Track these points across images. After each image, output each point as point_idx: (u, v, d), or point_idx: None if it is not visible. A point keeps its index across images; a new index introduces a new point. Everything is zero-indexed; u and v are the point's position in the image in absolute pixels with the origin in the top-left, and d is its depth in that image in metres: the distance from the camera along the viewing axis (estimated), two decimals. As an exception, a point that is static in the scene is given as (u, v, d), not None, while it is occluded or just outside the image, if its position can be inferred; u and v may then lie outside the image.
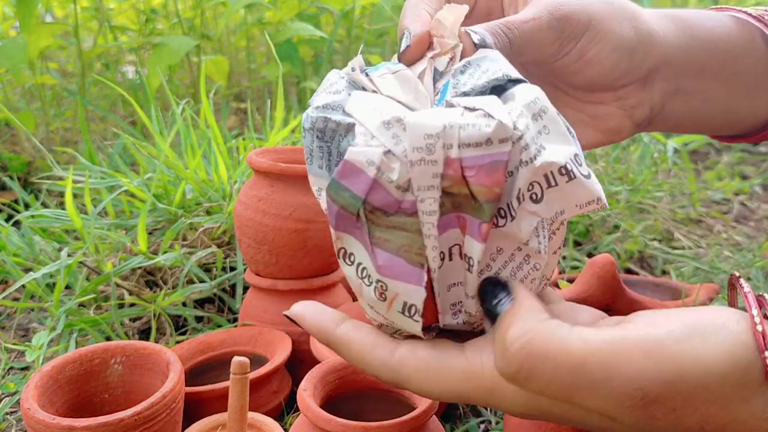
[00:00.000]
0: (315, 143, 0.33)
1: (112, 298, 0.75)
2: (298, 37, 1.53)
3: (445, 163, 0.29)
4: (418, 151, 0.29)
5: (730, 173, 1.60)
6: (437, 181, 0.29)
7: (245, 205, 0.69)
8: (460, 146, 0.29)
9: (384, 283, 0.32)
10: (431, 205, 0.30)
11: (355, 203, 0.30)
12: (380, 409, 0.56)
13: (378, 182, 0.30)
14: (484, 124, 0.29)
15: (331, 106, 0.33)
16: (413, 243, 0.31)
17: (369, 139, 0.30)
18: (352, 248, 0.32)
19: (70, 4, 1.40)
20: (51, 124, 1.38)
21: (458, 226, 0.31)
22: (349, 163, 0.30)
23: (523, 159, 0.30)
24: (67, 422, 0.47)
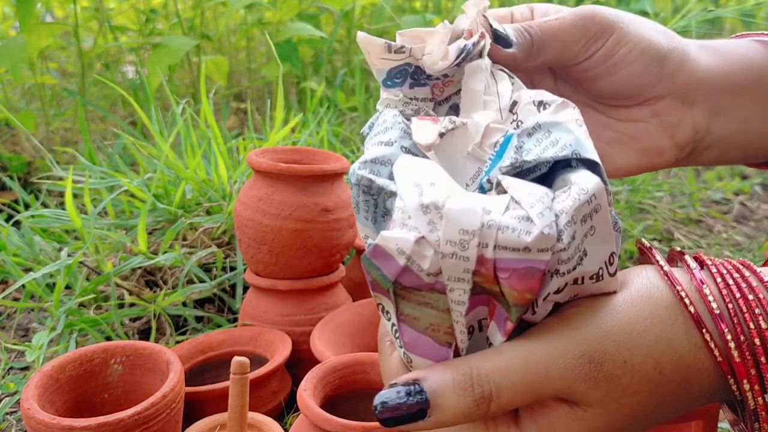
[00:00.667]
0: (361, 197, 0.32)
1: (112, 298, 0.75)
2: (298, 37, 1.53)
3: (478, 261, 0.28)
4: (452, 244, 0.28)
5: (730, 173, 1.60)
6: (468, 275, 0.28)
7: (245, 205, 0.69)
8: (496, 247, 0.28)
9: (409, 357, 0.31)
10: (460, 296, 0.29)
11: (385, 282, 0.29)
12: (380, 409, 0.56)
13: (408, 268, 0.29)
14: (524, 231, 0.27)
15: (380, 161, 0.32)
16: (442, 322, 0.30)
17: (406, 218, 0.29)
18: (388, 308, 0.32)
19: (70, 4, 1.40)
20: (51, 124, 1.38)
21: (487, 306, 0.31)
22: (380, 248, 0.29)
23: (561, 270, 0.29)
24: (67, 422, 0.47)
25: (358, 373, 0.56)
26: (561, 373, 0.28)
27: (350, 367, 0.56)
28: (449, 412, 0.29)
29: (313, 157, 0.74)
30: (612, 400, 0.29)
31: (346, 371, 0.56)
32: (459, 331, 0.30)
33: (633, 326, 0.30)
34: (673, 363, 0.29)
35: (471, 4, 0.37)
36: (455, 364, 0.30)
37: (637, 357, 0.29)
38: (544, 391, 0.29)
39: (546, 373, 0.29)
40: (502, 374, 0.29)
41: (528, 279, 0.27)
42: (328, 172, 0.68)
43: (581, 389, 0.29)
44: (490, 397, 0.29)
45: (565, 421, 0.30)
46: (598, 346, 0.29)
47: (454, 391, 0.29)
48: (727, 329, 0.29)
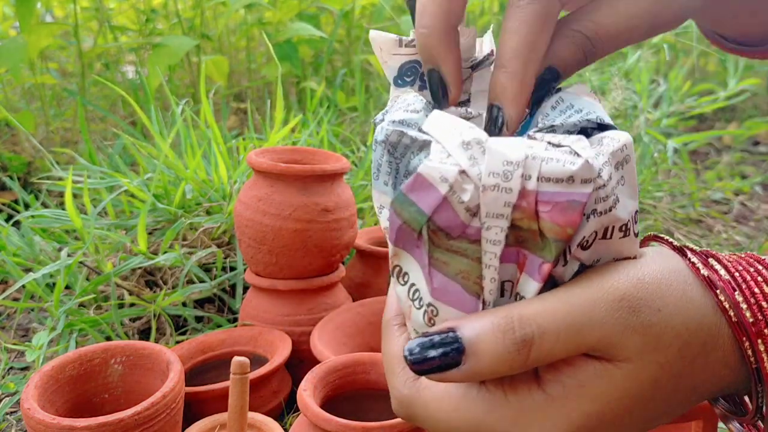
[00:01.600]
0: (385, 157, 0.31)
1: (112, 298, 0.75)
2: (298, 37, 1.53)
3: (520, 193, 0.28)
4: (495, 176, 0.28)
5: (729, 173, 1.60)
6: (508, 210, 0.28)
7: (245, 205, 0.69)
8: (540, 179, 0.27)
9: (435, 307, 0.30)
10: (497, 235, 0.28)
11: (420, 219, 0.29)
12: (380, 409, 0.56)
13: (447, 201, 0.28)
14: (569, 161, 0.27)
15: (407, 123, 0.31)
16: (472, 271, 0.29)
17: (445, 157, 0.29)
18: (408, 267, 0.31)
19: (70, 4, 1.40)
20: (51, 124, 1.38)
21: (516, 262, 0.30)
22: (422, 176, 0.28)
23: (599, 209, 0.29)
24: (67, 422, 0.47)
25: (358, 373, 0.56)
26: (602, 317, 0.28)
27: (350, 367, 0.56)
28: (486, 358, 0.28)
29: (313, 157, 0.74)
30: (647, 351, 0.28)
31: (346, 371, 0.56)
32: (489, 278, 0.29)
33: (662, 279, 0.30)
34: (696, 321, 0.29)
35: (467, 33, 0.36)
36: (493, 310, 0.29)
37: (668, 307, 0.29)
38: (584, 339, 0.28)
39: (588, 318, 0.28)
40: (545, 317, 0.28)
41: (569, 212, 0.27)
42: (328, 172, 0.68)
43: (619, 337, 0.28)
44: (531, 341, 0.27)
45: (595, 379, 0.29)
46: (635, 291, 0.29)
47: (493, 333, 0.27)
48: (737, 292, 0.30)
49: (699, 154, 1.78)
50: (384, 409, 0.56)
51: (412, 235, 0.29)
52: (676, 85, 1.50)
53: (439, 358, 0.28)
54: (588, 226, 0.29)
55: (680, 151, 1.42)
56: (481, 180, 0.28)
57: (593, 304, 0.28)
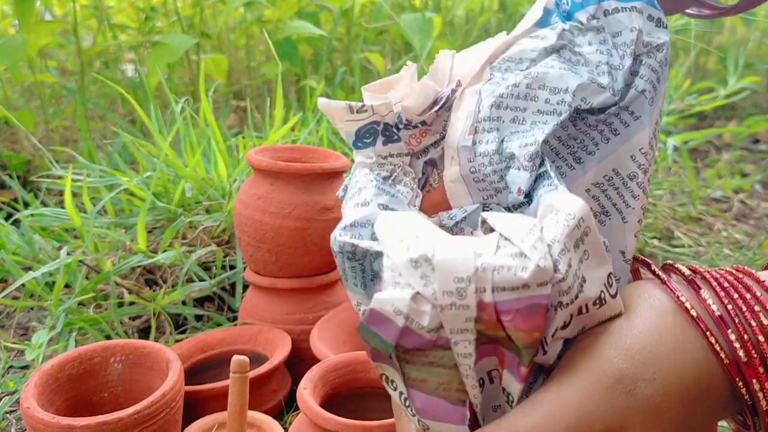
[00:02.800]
0: (347, 264, 0.31)
1: (111, 297, 0.75)
2: (298, 35, 1.53)
3: (478, 307, 0.27)
4: (449, 295, 0.27)
5: (729, 171, 1.60)
6: (471, 324, 0.27)
7: (245, 204, 0.69)
8: (495, 290, 0.27)
9: (426, 423, 0.30)
10: (466, 348, 0.28)
11: (386, 348, 0.28)
12: (380, 408, 0.56)
13: (408, 328, 0.28)
14: (520, 268, 0.26)
15: (359, 224, 0.31)
16: (452, 380, 0.29)
17: (397, 276, 0.28)
18: (393, 376, 0.30)
19: (70, 2, 1.40)
20: (50, 122, 1.38)
21: (496, 356, 0.29)
22: (376, 312, 0.28)
23: (563, 301, 0.28)
24: (67, 421, 0.47)
25: (358, 372, 0.56)
26: (602, 408, 0.27)
27: (350, 365, 0.56)
28: None
29: (313, 156, 0.74)
30: (649, 426, 0.28)
31: (346, 370, 0.56)
32: (470, 385, 0.29)
33: (650, 340, 0.29)
34: (692, 372, 0.29)
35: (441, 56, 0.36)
36: (490, 427, 0.28)
37: (661, 371, 0.28)
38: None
39: (589, 413, 0.27)
40: (546, 427, 0.27)
41: (532, 317, 0.27)
42: (327, 171, 0.68)
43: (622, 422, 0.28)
44: None
45: None
46: (627, 367, 0.28)
47: None
48: (729, 330, 0.29)
49: (699, 152, 1.78)
50: (384, 408, 0.56)
51: (385, 357, 0.29)
52: (675, 83, 1.50)
53: None
54: (557, 317, 0.28)
55: (680, 149, 1.41)
56: (436, 299, 0.27)
57: (590, 395, 0.27)
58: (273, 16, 1.56)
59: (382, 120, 0.35)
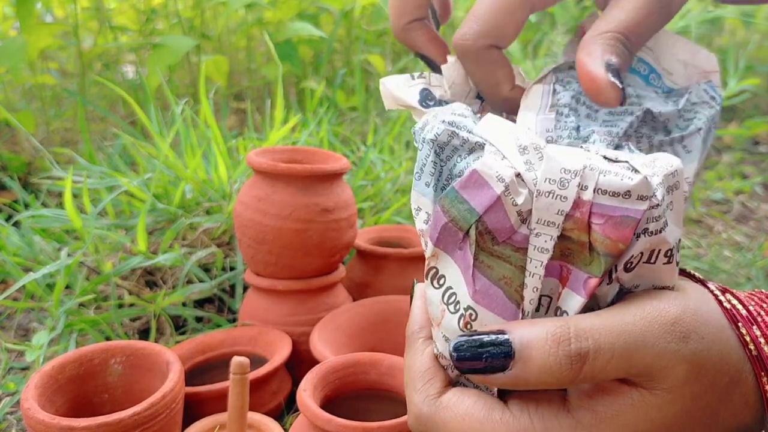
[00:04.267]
0: (431, 158, 0.30)
1: (111, 298, 0.75)
2: (298, 37, 1.53)
3: (574, 203, 0.27)
4: (551, 182, 0.27)
5: (730, 173, 1.60)
6: (560, 219, 0.27)
7: (245, 205, 0.69)
8: (597, 191, 0.27)
9: (475, 311, 0.29)
10: (546, 243, 0.28)
11: (469, 218, 0.28)
12: (380, 409, 0.56)
13: (501, 201, 0.28)
14: (628, 176, 0.27)
15: (457, 124, 0.31)
16: (514, 278, 0.29)
17: (500, 158, 0.28)
18: (446, 270, 0.30)
19: (70, 4, 1.40)
20: (51, 124, 1.38)
21: (559, 277, 0.29)
22: (478, 173, 0.28)
23: (650, 228, 0.28)
24: (67, 422, 0.47)
25: (358, 374, 0.56)
26: (655, 341, 0.27)
27: (350, 367, 0.56)
28: (536, 367, 0.27)
29: (313, 157, 0.74)
30: (688, 381, 0.28)
31: (346, 371, 0.56)
32: (532, 287, 0.29)
33: (703, 309, 0.29)
34: (728, 353, 0.29)
35: None
36: (547, 319, 0.28)
37: (710, 337, 0.29)
38: (636, 361, 0.27)
39: (643, 340, 0.27)
40: (602, 333, 0.27)
41: (623, 227, 0.27)
42: (328, 172, 0.68)
43: (669, 363, 0.27)
44: (586, 356, 0.26)
45: (630, 408, 0.28)
46: (686, 317, 0.28)
47: (546, 342, 0.27)
48: (754, 326, 0.30)
49: (699, 153, 1.78)
50: (384, 410, 0.56)
51: (456, 235, 0.29)
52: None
53: (486, 359, 0.27)
54: (637, 245, 0.28)
55: (680, 150, 1.41)
56: (536, 185, 0.27)
57: (648, 326, 0.27)
58: (273, 17, 1.56)
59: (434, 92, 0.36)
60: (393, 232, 0.88)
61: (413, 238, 0.86)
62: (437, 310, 0.31)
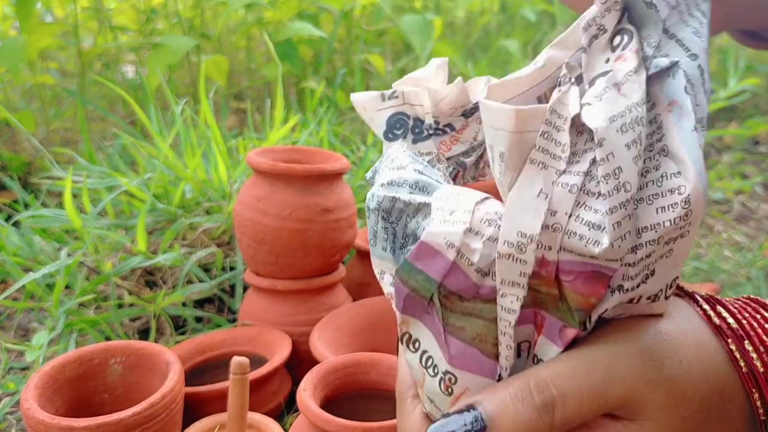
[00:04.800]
0: (380, 224, 0.30)
1: (111, 298, 0.75)
2: (298, 37, 1.53)
3: (539, 261, 0.26)
4: (509, 245, 0.26)
5: (730, 173, 1.60)
6: (524, 280, 0.26)
7: (245, 205, 0.69)
8: (561, 250, 0.26)
9: (454, 375, 0.29)
10: (512, 303, 0.27)
11: (429, 287, 0.28)
12: (380, 409, 0.56)
13: (457, 265, 0.27)
14: (593, 241, 0.25)
15: (396, 183, 0.30)
16: (489, 333, 0.28)
17: (447, 215, 0.27)
18: (418, 334, 0.30)
19: (70, 4, 1.40)
20: (51, 124, 1.38)
21: (533, 324, 0.28)
22: (426, 244, 0.27)
23: (625, 286, 0.26)
24: (67, 422, 0.47)
25: (358, 374, 0.56)
26: (624, 372, 0.27)
27: (350, 367, 0.56)
28: (510, 423, 0.26)
29: (313, 157, 0.74)
30: (670, 407, 0.28)
31: (346, 371, 0.56)
32: (505, 345, 0.28)
33: (679, 329, 0.29)
34: (713, 372, 0.29)
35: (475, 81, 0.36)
36: (509, 380, 0.28)
37: (688, 359, 0.28)
38: (608, 397, 0.27)
39: (611, 375, 0.27)
40: (564, 379, 0.27)
41: (594, 283, 0.26)
42: (327, 172, 0.68)
43: (643, 393, 0.27)
44: (553, 404, 0.26)
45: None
46: (657, 343, 0.28)
47: (512, 403, 0.27)
48: (746, 341, 0.29)
49: (699, 153, 1.78)
50: (384, 409, 0.56)
51: (422, 302, 0.28)
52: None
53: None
54: (612, 299, 0.27)
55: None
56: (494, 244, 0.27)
57: (615, 359, 0.27)
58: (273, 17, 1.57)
59: (412, 112, 0.34)
60: (393, 232, 0.87)
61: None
62: (418, 373, 0.31)
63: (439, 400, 0.30)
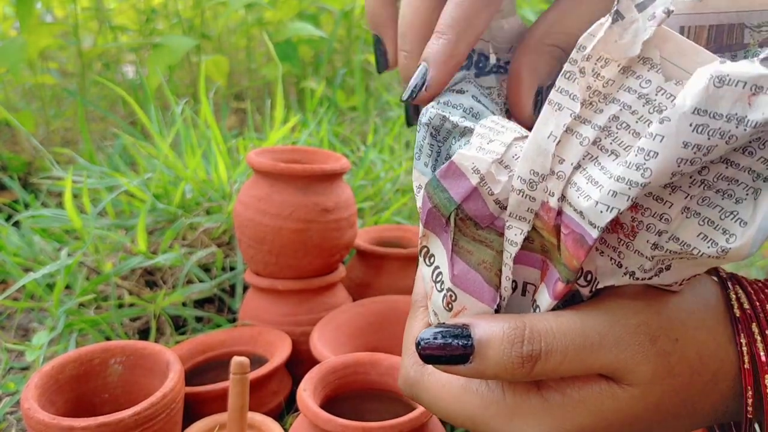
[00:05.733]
0: (427, 140, 0.31)
1: (111, 298, 0.75)
2: (298, 37, 1.54)
3: (542, 206, 0.27)
4: (522, 181, 0.27)
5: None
6: (530, 215, 0.27)
7: (245, 205, 0.69)
8: (562, 200, 0.26)
9: (454, 293, 0.30)
10: (516, 236, 0.28)
11: (449, 206, 0.28)
12: (380, 409, 0.56)
13: (478, 192, 0.28)
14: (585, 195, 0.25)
15: (452, 104, 0.31)
16: (494, 263, 0.29)
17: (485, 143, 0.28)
18: (435, 249, 0.31)
19: (70, 4, 1.40)
20: (51, 124, 1.38)
21: (540, 269, 0.29)
22: (455, 165, 0.28)
23: (636, 274, 0.27)
24: (67, 422, 0.47)
25: (358, 373, 0.56)
26: (616, 341, 0.27)
27: (350, 367, 0.56)
28: (491, 363, 0.28)
29: (313, 157, 0.74)
30: (657, 380, 0.28)
31: (346, 371, 0.56)
32: (505, 276, 0.29)
33: (684, 306, 0.29)
34: (711, 351, 0.29)
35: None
36: (508, 317, 0.29)
37: (685, 337, 0.28)
38: (593, 362, 0.28)
39: (600, 341, 0.27)
40: (556, 336, 0.28)
41: (578, 247, 0.26)
42: (327, 172, 0.68)
43: (632, 363, 0.28)
44: (537, 357, 0.27)
45: (598, 398, 0.28)
46: (656, 317, 0.28)
47: (502, 342, 0.28)
48: (753, 323, 0.29)
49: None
50: (384, 409, 0.56)
51: (441, 219, 0.29)
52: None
53: (447, 353, 0.28)
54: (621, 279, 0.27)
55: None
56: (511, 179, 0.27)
57: (609, 326, 0.28)
58: (273, 17, 1.57)
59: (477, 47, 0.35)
60: (393, 232, 0.88)
61: (413, 238, 0.86)
62: (428, 286, 0.32)
63: (441, 314, 0.31)
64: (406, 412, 0.50)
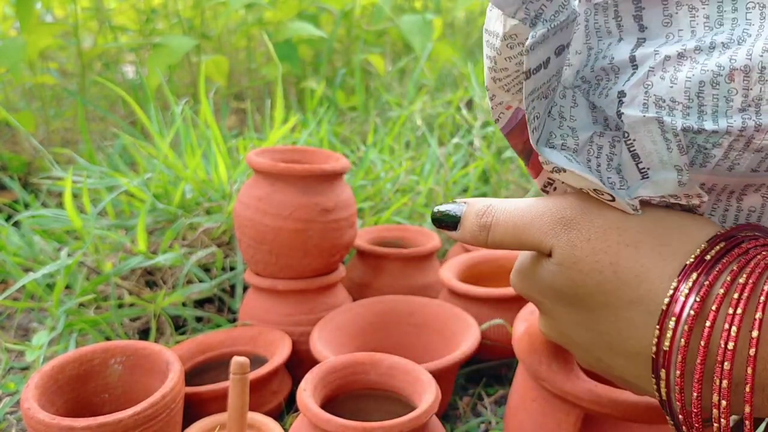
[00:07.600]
0: None
1: (111, 298, 0.75)
2: (298, 37, 1.54)
3: None
4: None
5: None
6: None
7: (245, 205, 0.69)
8: None
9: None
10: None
11: None
12: (380, 409, 0.56)
13: None
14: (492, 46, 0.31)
15: None
16: None
17: None
18: None
19: (70, 4, 1.40)
20: (51, 124, 1.38)
21: None
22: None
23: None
24: (67, 422, 0.47)
25: (358, 374, 0.56)
26: (540, 226, 0.35)
27: (350, 367, 0.56)
28: (467, 230, 0.38)
29: (313, 157, 0.74)
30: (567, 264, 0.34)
31: (346, 371, 0.56)
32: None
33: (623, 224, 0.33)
34: (629, 268, 0.32)
35: None
36: (484, 199, 0.38)
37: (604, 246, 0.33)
38: (525, 238, 0.36)
39: (531, 223, 0.35)
40: (504, 215, 0.36)
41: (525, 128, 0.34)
42: (327, 172, 0.68)
43: (549, 242, 0.35)
44: (489, 227, 0.37)
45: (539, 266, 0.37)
46: (578, 218, 0.34)
47: (471, 215, 0.38)
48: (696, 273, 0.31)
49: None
50: (384, 409, 0.56)
51: None
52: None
53: (446, 222, 0.39)
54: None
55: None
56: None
57: (543, 214, 0.35)
58: (273, 17, 1.57)
59: None
60: (393, 232, 0.88)
61: (413, 238, 0.86)
62: None
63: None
64: (406, 412, 0.50)
